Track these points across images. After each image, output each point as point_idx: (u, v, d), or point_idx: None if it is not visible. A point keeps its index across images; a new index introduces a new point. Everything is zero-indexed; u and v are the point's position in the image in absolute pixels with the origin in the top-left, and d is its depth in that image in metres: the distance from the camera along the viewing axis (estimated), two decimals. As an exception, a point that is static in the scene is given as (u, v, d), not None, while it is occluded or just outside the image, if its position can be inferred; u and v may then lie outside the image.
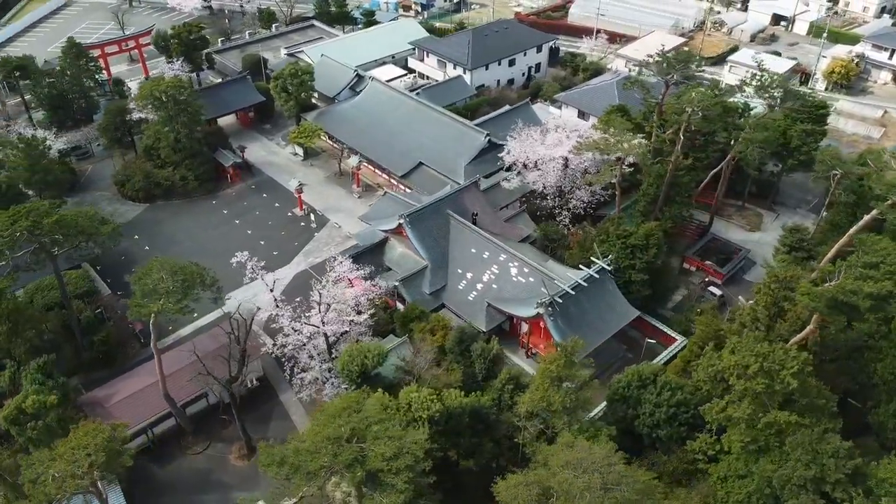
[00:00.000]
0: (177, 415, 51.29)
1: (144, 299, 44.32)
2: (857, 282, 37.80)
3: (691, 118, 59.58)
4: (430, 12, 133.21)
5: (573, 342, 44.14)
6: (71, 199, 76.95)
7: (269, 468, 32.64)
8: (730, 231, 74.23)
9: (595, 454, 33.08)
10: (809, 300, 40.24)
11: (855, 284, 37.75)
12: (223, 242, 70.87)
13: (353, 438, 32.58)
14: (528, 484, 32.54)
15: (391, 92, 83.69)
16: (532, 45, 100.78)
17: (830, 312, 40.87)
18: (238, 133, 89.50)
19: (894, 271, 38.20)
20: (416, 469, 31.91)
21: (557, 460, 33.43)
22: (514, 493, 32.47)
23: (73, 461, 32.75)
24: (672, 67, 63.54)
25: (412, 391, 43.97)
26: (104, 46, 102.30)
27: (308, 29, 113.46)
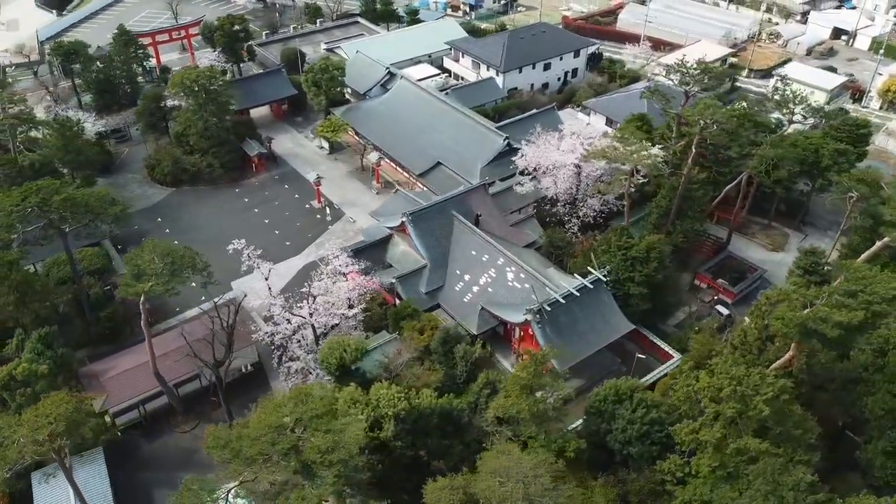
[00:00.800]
0: (167, 393, 53.08)
1: (134, 279, 45.92)
2: (828, 309, 36.17)
3: (704, 130, 57.93)
4: (477, 13, 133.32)
5: (546, 352, 43.73)
6: (104, 180, 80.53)
7: (213, 450, 33.61)
8: (750, 250, 71.86)
9: (523, 464, 32.71)
10: (782, 325, 38.73)
11: (825, 312, 36.13)
12: (240, 230, 72.30)
13: (296, 428, 33.20)
14: (454, 488, 32.48)
15: (418, 91, 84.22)
16: (569, 50, 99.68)
17: (802, 339, 39.24)
18: (270, 124, 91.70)
19: (872, 301, 36.40)
20: (350, 464, 32.25)
21: (487, 466, 33.22)
22: (439, 496, 32.45)
23: (34, 428, 34.39)
24: (691, 78, 61.89)
25: (382, 388, 44.40)
26: (155, 35, 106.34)
27: (351, 25, 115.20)
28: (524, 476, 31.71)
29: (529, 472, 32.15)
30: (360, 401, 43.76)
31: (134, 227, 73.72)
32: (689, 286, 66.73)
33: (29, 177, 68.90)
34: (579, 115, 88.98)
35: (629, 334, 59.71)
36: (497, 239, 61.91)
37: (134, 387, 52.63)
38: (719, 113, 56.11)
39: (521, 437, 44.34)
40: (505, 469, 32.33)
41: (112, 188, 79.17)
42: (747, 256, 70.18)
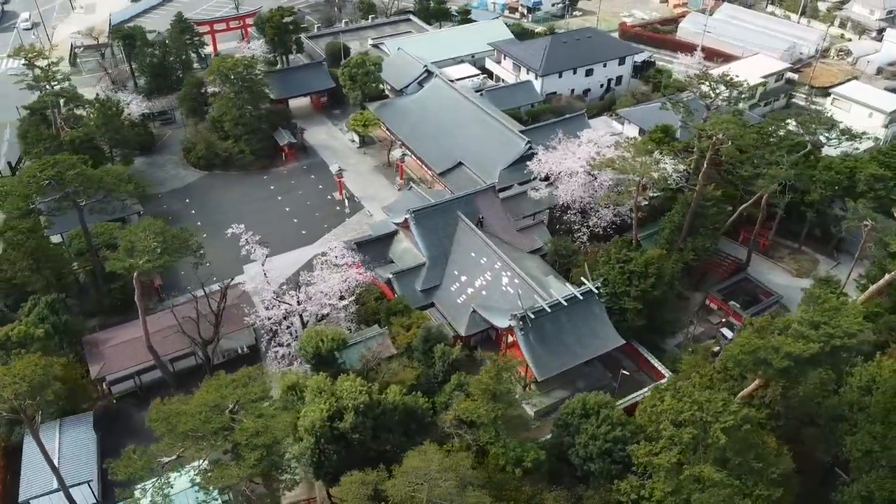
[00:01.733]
0: (160, 367, 55.26)
1: (126, 254, 48.07)
2: (781, 339, 34.40)
3: (717, 146, 55.93)
4: (535, 16, 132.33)
5: (511, 362, 43.39)
6: (144, 159, 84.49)
7: (154, 423, 34.96)
8: (773, 273, 68.96)
9: (432, 465, 32.54)
10: (739, 352, 37.11)
11: (778, 341, 34.38)
12: (261, 215, 75.13)
13: (234, 410, 34.15)
14: (365, 483, 32.66)
15: (450, 90, 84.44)
16: (614, 57, 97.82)
17: (754, 368, 37.48)
18: (308, 115, 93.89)
19: (833, 335, 34.40)
20: (274, 449, 32.89)
21: (405, 465, 33.23)
22: (350, 489, 32.71)
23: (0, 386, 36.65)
24: (712, 90, 59.82)
25: (346, 380, 44.98)
26: (213, 24, 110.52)
27: (402, 23, 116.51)
28: (431, 478, 31.63)
29: (437, 475, 32.04)
30: (326, 390, 44.49)
31: (163, 207, 77.20)
32: (699, 306, 64.65)
33: (69, 152, 73.05)
34: (613, 124, 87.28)
35: (626, 350, 58.61)
36: (499, 243, 61.68)
37: (130, 358, 55.04)
38: (734, 128, 53.98)
39: (480, 442, 44.13)
40: (415, 469, 32.34)
41: (149, 167, 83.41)
42: (768, 281, 67.36)
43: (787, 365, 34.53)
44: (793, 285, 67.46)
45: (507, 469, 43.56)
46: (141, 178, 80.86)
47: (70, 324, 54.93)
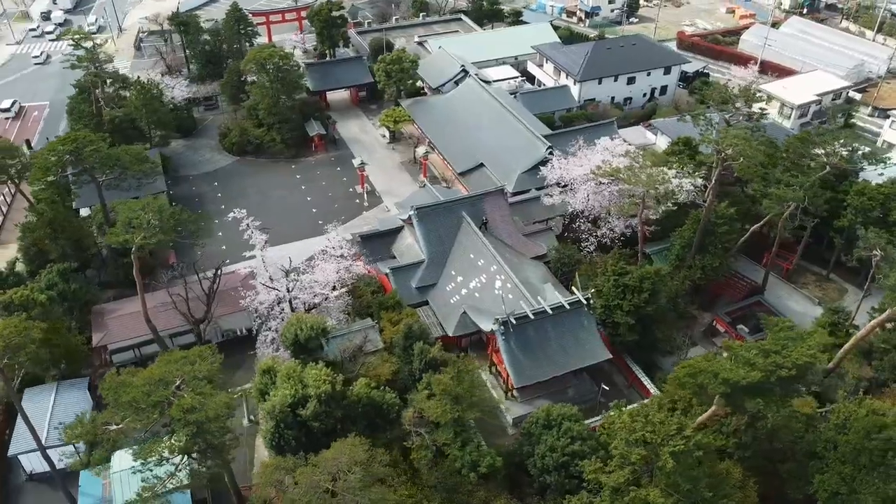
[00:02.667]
0: (157, 341, 57.40)
1: (124, 229, 50.20)
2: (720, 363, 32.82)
3: (727, 162, 53.84)
4: (592, 21, 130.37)
5: (473, 366, 43.11)
6: (183, 141, 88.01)
7: (104, 391, 36.48)
8: (792, 299, 65.82)
9: (341, 458, 32.58)
10: (682, 374, 35.65)
11: (717, 366, 32.82)
12: (282, 202, 77.20)
13: (180, 386, 35.31)
14: (280, 468, 33.02)
15: (481, 91, 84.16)
16: (659, 66, 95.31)
17: (695, 393, 35.87)
18: (345, 109, 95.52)
19: (780, 365, 32.58)
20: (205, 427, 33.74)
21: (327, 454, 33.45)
22: (265, 471, 33.17)
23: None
24: (730, 104, 57.58)
25: (313, 368, 45.69)
26: (268, 14, 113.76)
27: (453, 22, 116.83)
28: (339, 469, 31.76)
29: (346, 467, 32.13)
30: (294, 377, 45.34)
31: (192, 188, 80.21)
32: (706, 327, 62.44)
33: (109, 131, 76.87)
34: (647, 134, 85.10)
35: (619, 365, 57.33)
36: (501, 246, 61.24)
37: (130, 330, 57.40)
38: (742, 144, 51.81)
39: (437, 442, 44.04)
40: (327, 460, 32.53)
41: (187, 150, 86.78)
42: (785, 307, 64.39)
43: (723, 391, 32.99)
44: (811, 313, 64.09)
45: (462, 472, 43.29)
46: (176, 159, 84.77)
47: (79, 292, 57.74)
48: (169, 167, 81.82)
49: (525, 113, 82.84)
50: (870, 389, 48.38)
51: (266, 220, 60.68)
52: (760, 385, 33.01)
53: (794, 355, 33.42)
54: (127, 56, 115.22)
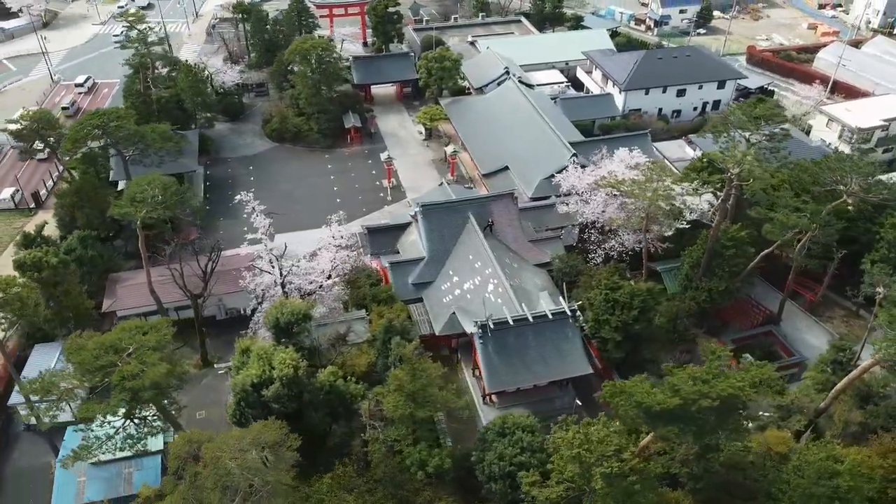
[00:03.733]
0: (160, 311, 60.05)
1: (129, 202, 52.84)
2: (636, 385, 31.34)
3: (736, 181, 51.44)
4: (660, 30, 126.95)
5: (427, 366, 43.05)
6: (229, 125, 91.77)
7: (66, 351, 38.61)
8: (810, 332, 62.16)
9: (246, 438, 33.06)
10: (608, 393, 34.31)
11: (631, 387, 31.37)
12: (309, 190, 79.18)
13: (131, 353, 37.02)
14: (191, 441, 33.89)
15: (518, 94, 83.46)
16: (712, 79, 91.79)
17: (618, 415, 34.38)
18: (389, 103, 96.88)
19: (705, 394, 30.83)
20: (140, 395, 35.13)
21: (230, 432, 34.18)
22: (178, 443, 34.13)
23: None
24: (753, 124, 54.96)
25: (282, 351, 46.73)
26: (332, 7, 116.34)
27: (512, 24, 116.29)
28: (241, 447, 32.35)
29: (248, 446, 32.67)
30: (264, 357, 46.59)
31: (227, 170, 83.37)
32: (709, 352, 59.81)
33: (156, 110, 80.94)
34: (686, 149, 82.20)
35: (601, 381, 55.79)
36: (503, 250, 60.83)
37: (137, 299, 60.31)
38: (754, 164, 49.29)
39: (388, 437, 44.27)
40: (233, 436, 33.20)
41: (231, 133, 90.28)
42: (800, 339, 60.97)
43: (634, 414, 31.58)
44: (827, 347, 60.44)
45: (411, 469, 43.36)
46: (219, 141, 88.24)
47: (96, 259, 61.14)
48: (210, 148, 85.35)
49: (560, 119, 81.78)
50: (860, 435, 45.23)
51: (289, 207, 62.87)
52: (680, 413, 31.45)
53: (720, 386, 31.68)
54: (198, 41, 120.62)
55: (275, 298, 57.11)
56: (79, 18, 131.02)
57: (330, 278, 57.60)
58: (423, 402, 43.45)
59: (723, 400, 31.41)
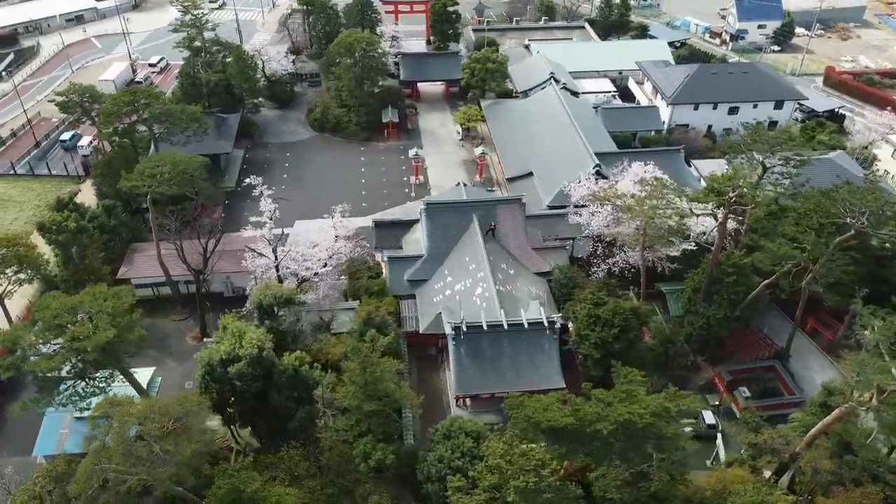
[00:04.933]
0: (168, 282, 63.00)
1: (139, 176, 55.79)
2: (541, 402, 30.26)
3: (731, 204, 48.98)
4: (735, 44, 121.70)
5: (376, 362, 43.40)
6: (278, 111, 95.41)
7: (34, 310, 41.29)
8: (822, 372, 58.19)
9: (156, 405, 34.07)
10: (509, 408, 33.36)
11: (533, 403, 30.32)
12: (338, 180, 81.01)
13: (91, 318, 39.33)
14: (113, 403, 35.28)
15: (555, 101, 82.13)
16: (768, 98, 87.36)
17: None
18: (435, 101, 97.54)
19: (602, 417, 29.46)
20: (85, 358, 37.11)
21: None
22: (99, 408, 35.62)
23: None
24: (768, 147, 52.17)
25: (252, 331, 48.20)
26: (397, 4, 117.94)
27: (575, 29, 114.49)
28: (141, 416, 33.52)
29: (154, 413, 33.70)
30: (237, 335, 48.25)
31: (266, 155, 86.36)
32: (705, 382, 57.43)
33: (204, 93, 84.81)
34: (725, 168, 78.43)
35: (586, 398, 54.44)
36: (502, 256, 60.39)
37: (150, 269, 63.48)
38: (746, 187, 46.81)
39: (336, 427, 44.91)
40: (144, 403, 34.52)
41: (277, 119, 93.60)
42: (809, 380, 57.27)
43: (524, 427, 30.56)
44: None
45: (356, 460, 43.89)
46: (264, 126, 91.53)
47: (118, 228, 64.83)
48: (254, 133, 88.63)
49: (597, 129, 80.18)
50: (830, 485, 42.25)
51: (315, 195, 64.83)
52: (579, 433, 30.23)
53: (618, 411, 30.24)
54: (270, 30, 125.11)
55: (272, 279, 58.93)
56: (165, 3, 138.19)
57: (326, 266, 58.81)
58: (374, 395, 43.85)
59: (622, 425, 30.13)
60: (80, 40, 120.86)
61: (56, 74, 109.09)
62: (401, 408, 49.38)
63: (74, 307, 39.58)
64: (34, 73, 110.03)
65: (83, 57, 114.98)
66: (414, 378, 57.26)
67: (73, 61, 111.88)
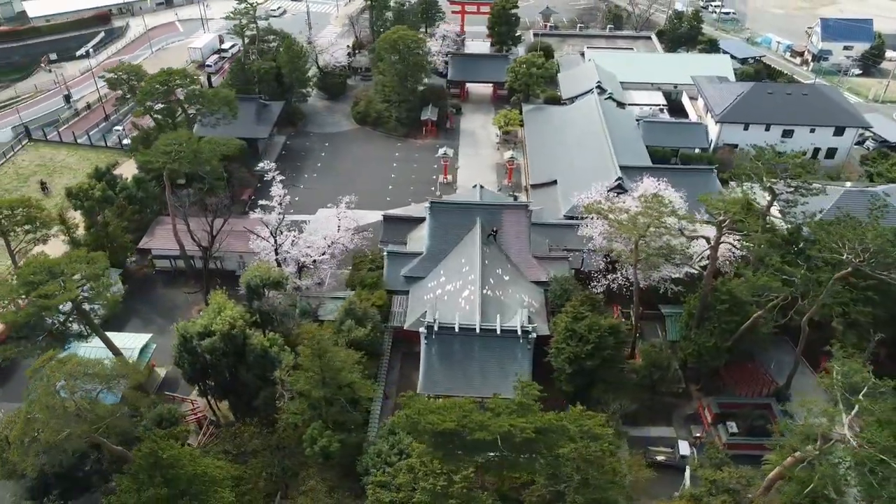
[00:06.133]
0: (182, 256, 65.89)
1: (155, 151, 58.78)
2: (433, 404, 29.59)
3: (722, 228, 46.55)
4: (818, 65, 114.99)
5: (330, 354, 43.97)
6: (327, 102, 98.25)
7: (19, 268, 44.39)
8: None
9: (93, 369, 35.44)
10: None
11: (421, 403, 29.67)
12: (369, 173, 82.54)
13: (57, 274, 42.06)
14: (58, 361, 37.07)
15: (593, 110, 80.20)
16: (827, 124, 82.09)
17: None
18: (482, 102, 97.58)
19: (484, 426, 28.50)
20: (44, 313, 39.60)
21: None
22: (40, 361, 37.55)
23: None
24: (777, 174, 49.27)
25: (230, 308, 49.97)
26: (464, 4, 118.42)
27: (640, 40, 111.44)
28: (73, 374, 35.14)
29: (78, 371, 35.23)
30: (216, 310, 50.26)
31: (305, 143, 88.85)
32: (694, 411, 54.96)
33: (254, 81, 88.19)
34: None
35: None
36: (500, 261, 59.82)
37: (166, 242, 66.61)
38: (735, 211, 44.30)
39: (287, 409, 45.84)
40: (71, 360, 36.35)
41: (325, 110, 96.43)
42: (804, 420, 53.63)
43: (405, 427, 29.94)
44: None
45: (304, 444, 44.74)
46: (311, 116, 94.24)
47: (146, 200, 68.45)
48: (298, 121, 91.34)
49: (633, 142, 78.10)
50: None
51: (343, 185, 67.60)
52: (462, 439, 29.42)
53: (498, 423, 29.23)
54: (341, 24, 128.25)
55: (271, 263, 60.73)
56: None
57: (324, 255, 60.05)
58: (329, 383, 44.46)
59: (500, 436, 29.28)
60: (163, 24, 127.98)
61: (137, 54, 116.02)
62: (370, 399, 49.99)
63: (52, 268, 42.33)
64: (118, 52, 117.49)
65: (164, 40, 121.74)
66: (396, 373, 57.63)
67: (153, 43, 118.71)
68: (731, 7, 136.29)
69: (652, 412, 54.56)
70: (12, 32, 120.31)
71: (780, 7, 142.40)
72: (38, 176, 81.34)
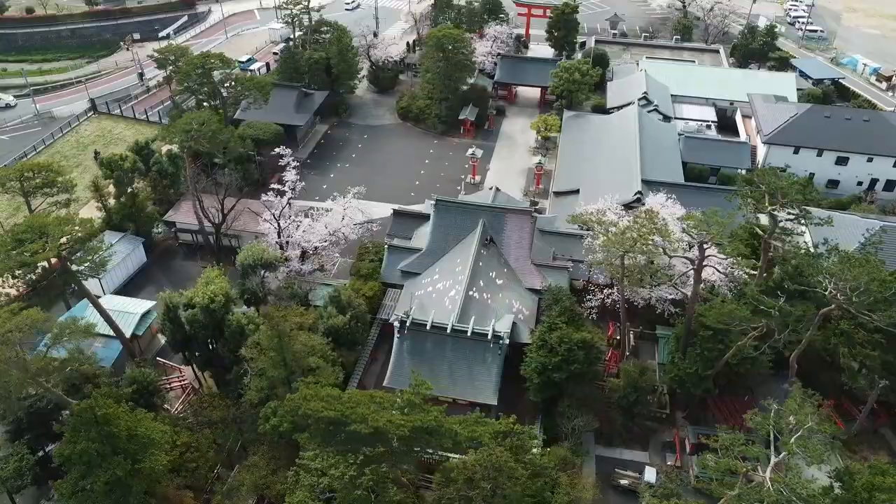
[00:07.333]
0: (200, 231, 68.68)
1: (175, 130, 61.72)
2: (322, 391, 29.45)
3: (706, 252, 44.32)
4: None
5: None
6: (376, 95, 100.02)
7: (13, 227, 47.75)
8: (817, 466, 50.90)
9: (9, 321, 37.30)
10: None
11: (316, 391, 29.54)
12: (399, 166, 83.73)
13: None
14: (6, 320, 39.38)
15: (632, 122, 77.72)
16: (887, 154, 76.38)
17: None
18: (528, 106, 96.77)
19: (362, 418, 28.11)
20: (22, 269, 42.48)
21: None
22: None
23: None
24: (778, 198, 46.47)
25: (216, 283, 51.87)
26: (531, 7, 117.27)
27: (707, 52, 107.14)
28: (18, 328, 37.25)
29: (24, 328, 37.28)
30: (205, 283, 52.47)
31: (345, 134, 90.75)
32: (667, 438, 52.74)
33: (304, 71, 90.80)
34: (801, 222, 70.07)
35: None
36: (496, 265, 59.31)
37: (188, 216, 69.65)
38: (716, 234, 42.08)
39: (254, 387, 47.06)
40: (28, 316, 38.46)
41: (372, 102, 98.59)
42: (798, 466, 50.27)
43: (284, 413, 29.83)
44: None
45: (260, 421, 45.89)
46: (356, 107, 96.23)
47: (175, 175, 71.85)
48: (342, 112, 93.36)
49: (669, 157, 75.68)
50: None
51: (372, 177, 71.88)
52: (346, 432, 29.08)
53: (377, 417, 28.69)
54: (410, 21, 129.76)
55: (273, 245, 62.58)
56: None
57: (326, 242, 61.31)
58: (287, 364, 45.39)
59: (379, 431, 28.97)
60: (242, 11, 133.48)
61: (213, 38, 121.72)
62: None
63: (42, 229, 45.34)
64: (196, 36, 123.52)
65: (239, 26, 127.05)
66: (378, 365, 58.07)
67: (229, 29, 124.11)
68: (819, 25, 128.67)
69: (630, 434, 52.78)
70: (106, 12, 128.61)
71: (875, 28, 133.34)
72: (96, 146, 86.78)
